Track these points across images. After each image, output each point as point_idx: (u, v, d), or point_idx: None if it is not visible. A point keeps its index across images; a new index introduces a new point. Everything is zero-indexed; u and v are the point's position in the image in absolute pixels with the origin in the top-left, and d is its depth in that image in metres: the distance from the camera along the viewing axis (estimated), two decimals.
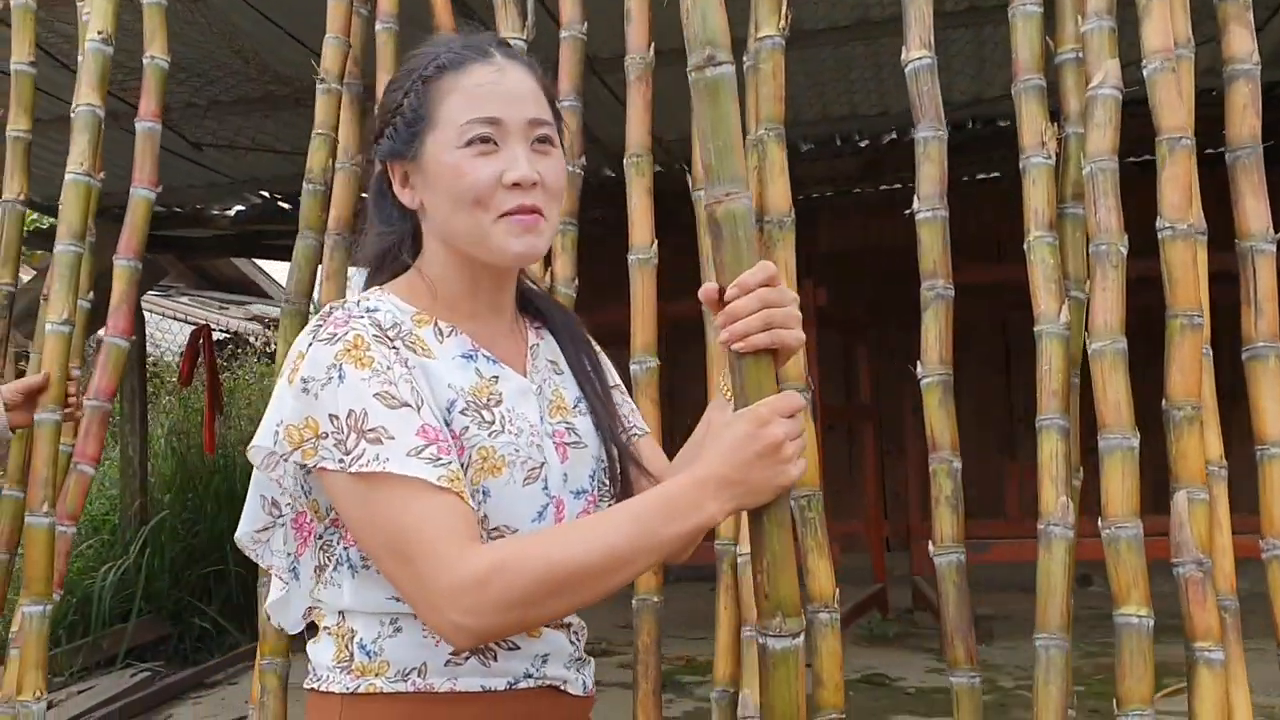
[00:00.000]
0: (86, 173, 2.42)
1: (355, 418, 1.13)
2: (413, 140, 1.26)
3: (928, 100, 2.02)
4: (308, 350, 1.18)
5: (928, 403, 1.96)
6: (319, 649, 1.24)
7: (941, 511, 1.92)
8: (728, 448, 1.14)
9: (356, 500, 1.14)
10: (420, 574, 1.10)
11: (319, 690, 1.23)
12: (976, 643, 5.76)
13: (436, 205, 1.26)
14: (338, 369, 1.15)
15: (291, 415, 1.16)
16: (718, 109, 1.20)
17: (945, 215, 1.99)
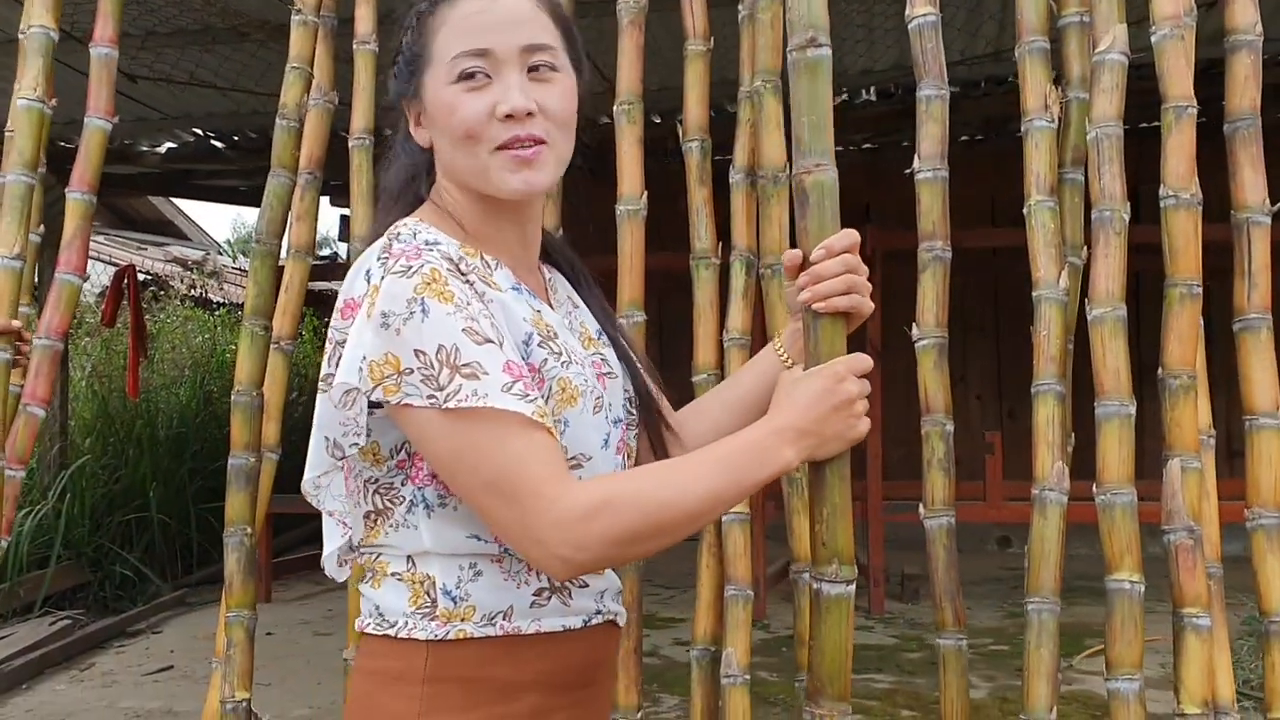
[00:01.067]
0: (39, 98, 2.28)
1: (446, 353, 1.10)
2: (412, 79, 1.26)
3: (931, 58, 1.99)
4: (382, 283, 1.13)
5: (922, 365, 1.95)
6: (386, 595, 1.21)
7: (933, 475, 1.92)
8: (806, 401, 1.20)
9: (450, 438, 1.11)
10: (526, 509, 1.10)
11: (395, 637, 1.20)
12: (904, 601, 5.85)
13: (439, 144, 1.26)
14: (419, 303, 1.11)
15: (373, 350, 1.11)
16: (815, 86, 1.32)
17: (946, 175, 1.97)
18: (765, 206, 2.08)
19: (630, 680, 2.01)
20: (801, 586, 1.98)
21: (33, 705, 4.49)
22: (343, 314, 1.17)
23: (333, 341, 1.18)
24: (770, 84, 2.09)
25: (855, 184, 7.53)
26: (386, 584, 1.22)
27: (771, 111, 2.09)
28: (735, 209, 2.14)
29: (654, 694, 4.37)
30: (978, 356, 7.68)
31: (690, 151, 2.19)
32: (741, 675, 1.97)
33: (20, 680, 4.72)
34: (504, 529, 1.13)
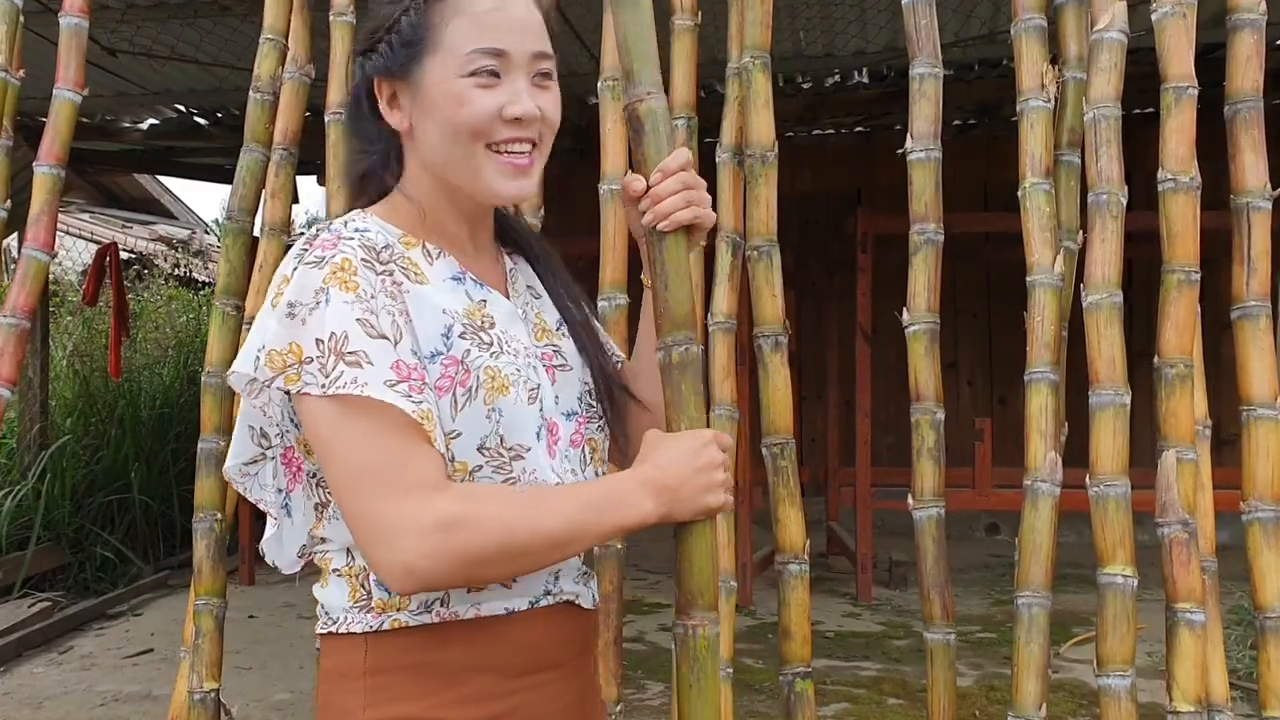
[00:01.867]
0: (3, 68, 2.21)
1: (336, 339, 1.10)
2: (410, 60, 1.21)
3: (925, 36, 1.94)
4: (293, 274, 1.12)
5: (913, 351, 1.90)
6: (330, 593, 1.20)
7: (923, 465, 1.87)
8: (670, 457, 1.19)
9: (329, 424, 1.10)
10: (389, 508, 1.07)
11: (337, 633, 1.18)
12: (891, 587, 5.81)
13: (429, 132, 1.22)
14: (324, 293, 1.11)
15: (275, 340, 1.10)
16: (639, 17, 1.30)
17: (939, 156, 1.91)
18: (753, 187, 2.02)
19: (609, 672, 1.96)
20: (786, 578, 1.93)
21: (10, 688, 4.43)
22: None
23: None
24: (760, 61, 2.03)
25: (846, 167, 7.51)
26: (331, 581, 1.20)
27: (760, 88, 2.03)
28: (722, 189, 2.08)
29: (639, 681, 4.33)
30: (969, 342, 7.63)
31: (676, 129, 2.12)
32: (724, 668, 1.92)
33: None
34: (360, 524, 1.09)
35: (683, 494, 1.19)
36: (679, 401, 1.34)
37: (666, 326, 1.37)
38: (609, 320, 2.08)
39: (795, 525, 1.95)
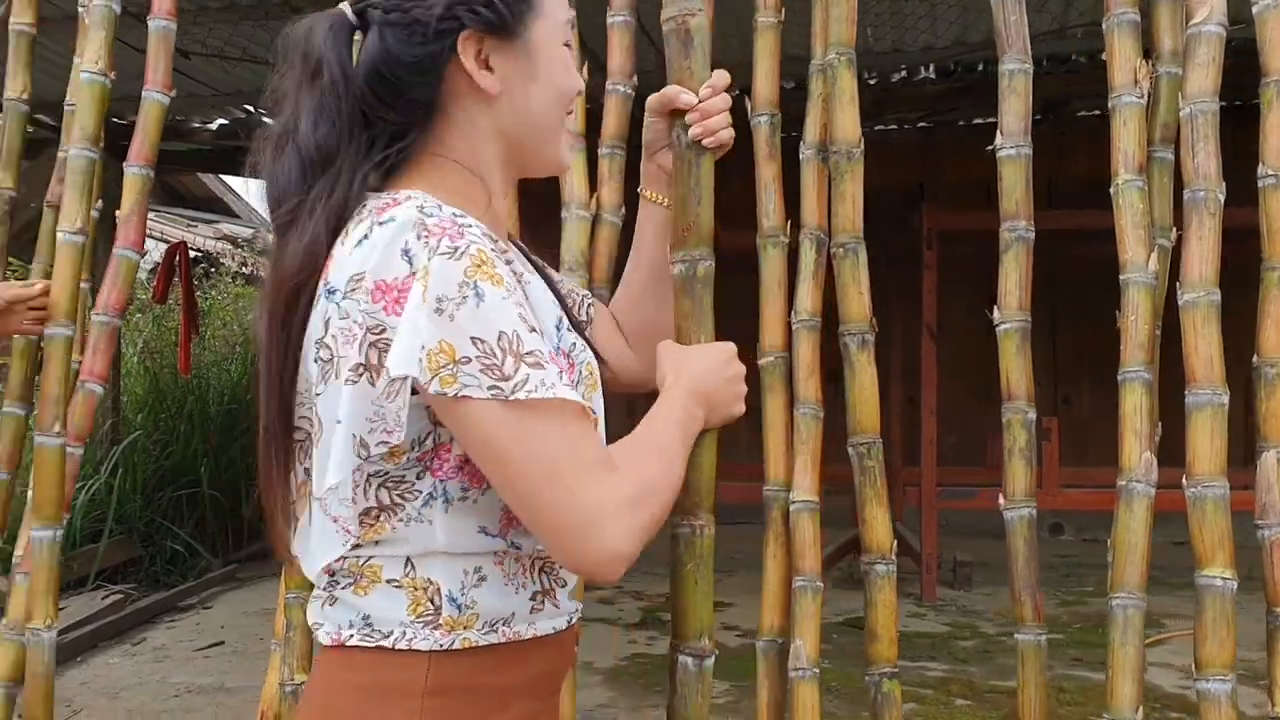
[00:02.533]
0: (101, 72, 2.26)
1: (508, 340, 1.03)
2: (521, 19, 1.17)
3: (1014, 32, 1.92)
4: (430, 265, 1.03)
5: (1004, 350, 1.88)
6: (377, 603, 1.11)
7: (1015, 464, 1.85)
8: (705, 367, 1.28)
9: (508, 427, 1.03)
10: (582, 499, 1.05)
11: (394, 648, 1.10)
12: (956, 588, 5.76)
13: (530, 96, 1.18)
14: (471, 287, 1.03)
15: (429, 339, 1.02)
16: None
17: (1029, 153, 1.90)
18: (838, 183, 2.01)
19: None
20: (873, 578, 1.92)
21: (87, 678, 4.53)
22: (373, 297, 1.05)
23: (361, 326, 1.06)
24: (845, 57, 2.02)
25: (909, 162, 7.46)
26: (378, 591, 1.12)
27: (846, 85, 2.01)
28: (806, 185, 2.07)
29: None
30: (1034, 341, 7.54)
31: (759, 126, 2.11)
32: (811, 669, 1.92)
33: (74, 653, 4.76)
34: (556, 521, 1.05)
35: (717, 402, 1.28)
36: (698, 314, 1.46)
37: (693, 241, 1.47)
38: None
39: (882, 525, 1.94)
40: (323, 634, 1.14)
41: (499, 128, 1.18)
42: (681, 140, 1.44)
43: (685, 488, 1.39)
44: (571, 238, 2.10)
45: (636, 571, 2.21)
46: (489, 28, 1.15)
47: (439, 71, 1.15)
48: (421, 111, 1.16)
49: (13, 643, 2.11)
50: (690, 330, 1.45)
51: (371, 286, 1.05)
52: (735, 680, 4.28)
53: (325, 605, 1.15)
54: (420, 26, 1.13)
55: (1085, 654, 4.71)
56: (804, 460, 1.98)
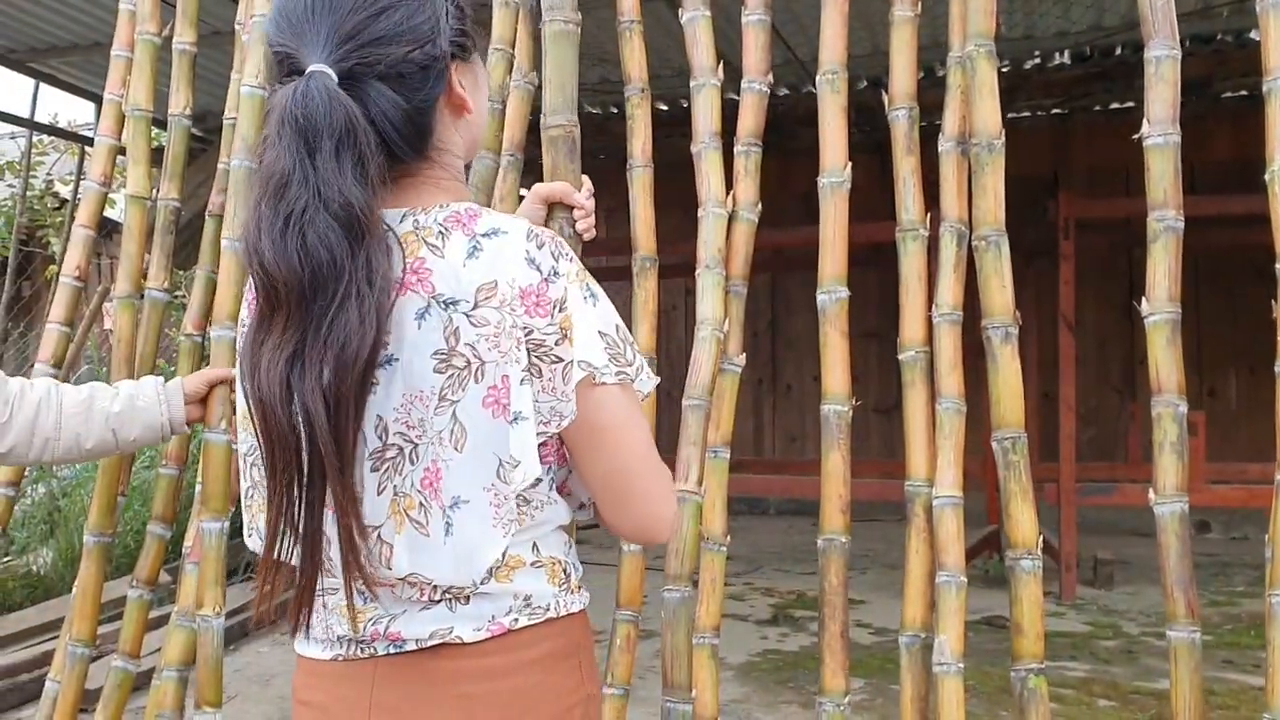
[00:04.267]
0: (261, 85, 2.37)
1: (623, 332, 1.19)
2: (473, 37, 1.26)
3: (1161, 16, 1.88)
4: (562, 269, 1.17)
5: (1154, 342, 1.84)
6: (529, 583, 1.20)
7: (1166, 459, 1.81)
8: None
9: (627, 408, 1.19)
10: (663, 474, 1.23)
11: (556, 618, 1.21)
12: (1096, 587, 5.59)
13: (479, 104, 1.29)
14: (587, 286, 1.18)
15: (592, 333, 1.17)
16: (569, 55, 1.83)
17: (1178, 140, 1.85)
18: (979, 176, 1.99)
19: (839, 664, 1.97)
20: (1019, 574, 1.90)
21: (239, 665, 4.72)
22: (519, 302, 1.12)
23: (513, 329, 1.12)
24: (984, 49, 2.01)
25: (1041, 150, 7.27)
26: (523, 574, 1.20)
27: (985, 76, 2.00)
28: (945, 178, 2.06)
29: None
30: None
31: (897, 120, 2.11)
32: (955, 664, 1.91)
33: (228, 641, 4.95)
34: (646, 491, 1.21)
35: None
36: None
37: None
38: (829, 314, 2.08)
39: (1028, 521, 1.92)
40: (467, 632, 1.17)
41: (469, 140, 1.29)
42: (565, 232, 1.71)
43: None
44: (709, 234, 2.13)
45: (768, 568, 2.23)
46: (464, 53, 1.25)
47: (440, 105, 1.21)
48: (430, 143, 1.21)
49: (184, 629, 2.23)
50: None
51: (517, 294, 1.12)
52: (869, 678, 4.26)
53: (453, 606, 1.17)
54: (427, 71, 1.18)
55: (1236, 656, 4.55)
56: (947, 455, 1.98)
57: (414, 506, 1.14)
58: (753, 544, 6.97)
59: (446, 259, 1.13)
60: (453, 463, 1.13)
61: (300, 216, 1.07)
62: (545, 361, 1.14)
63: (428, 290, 1.13)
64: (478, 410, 1.12)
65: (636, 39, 2.31)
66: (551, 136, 1.81)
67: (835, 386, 2.07)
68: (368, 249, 1.08)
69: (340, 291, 1.06)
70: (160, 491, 2.41)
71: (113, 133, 2.54)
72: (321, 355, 1.06)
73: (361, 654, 1.18)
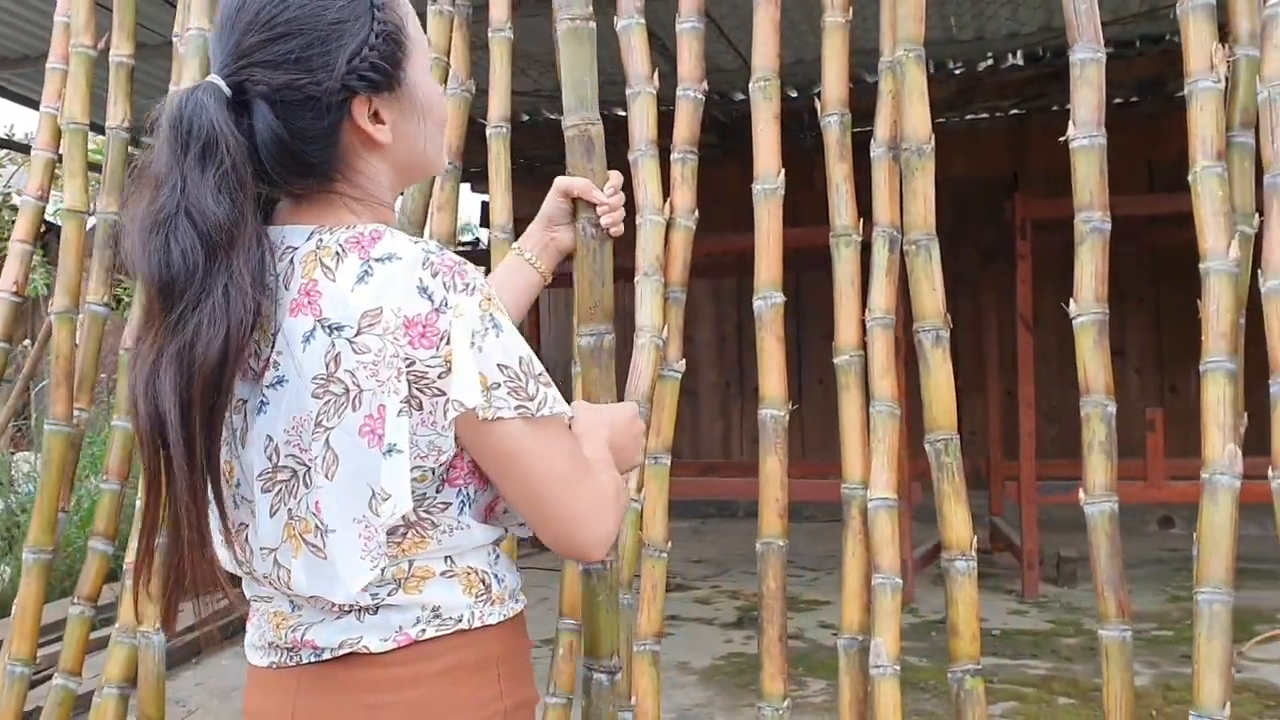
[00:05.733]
0: None
1: (526, 364, 1.16)
2: (399, 66, 1.21)
3: (1086, 19, 1.89)
4: (456, 301, 1.13)
5: (1081, 343, 1.85)
6: (439, 594, 1.19)
7: (1095, 459, 1.83)
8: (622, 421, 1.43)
9: (532, 441, 1.17)
10: (580, 499, 1.21)
11: (469, 629, 1.21)
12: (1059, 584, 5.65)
13: (416, 134, 1.25)
14: (490, 319, 1.15)
15: (474, 370, 1.14)
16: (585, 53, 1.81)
17: (1104, 143, 1.87)
18: (909, 180, 2.01)
19: (777, 669, 1.98)
20: (954, 575, 1.92)
21: (201, 679, 4.70)
22: (402, 332, 1.10)
23: (393, 359, 1.11)
24: (913, 53, 2.02)
25: (999, 151, 7.32)
26: (433, 585, 1.20)
27: (915, 81, 2.01)
28: (877, 184, 2.07)
29: (799, 678, 4.33)
30: (1136, 329, 7.37)
31: (829, 126, 2.12)
32: (891, 666, 1.92)
33: (190, 655, 4.95)
34: (563, 517, 1.21)
35: (624, 451, 1.41)
36: (605, 380, 1.76)
37: (599, 317, 1.77)
38: (765, 320, 2.09)
39: (961, 522, 1.93)
40: (374, 642, 1.17)
41: (394, 165, 1.25)
42: (587, 230, 1.72)
43: None
44: (646, 242, 2.13)
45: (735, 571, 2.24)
46: (376, 88, 1.19)
47: (336, 137, 1.19)
48: (325, 171, 1.20)
49: (125, 645, 2.21)
50: (598, 395, 1.74)
51: (401, 322, 1.11)
52: (830, 678, 4.27)
53: (362, 616, 1.18)
54: (314, 102, 1.15)
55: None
56: (881, 458, 1.99)
57: (310, 530, 1.15)
58: (722, 547, 6.98)
59: (337, 282, 1.13)
60: (324, 490, 1.14)
61: (165, 223, 1.09)
62: (426, 394, 1.12)
63: (315, 313, 1.12)
64: (353, 439, 1.12)
65: None
66: (569, 136, 1.78)
67: (772, 391, 2.07)
68: (229, 262, 1.09)
69: (190, 297, 1.09)
70: (102, 507, 2.40)
71: (49, 146, 2.53)
72: (174, 359, 1.08)
73: (290, 662, 1.20)
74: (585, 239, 1.72)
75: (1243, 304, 1.80)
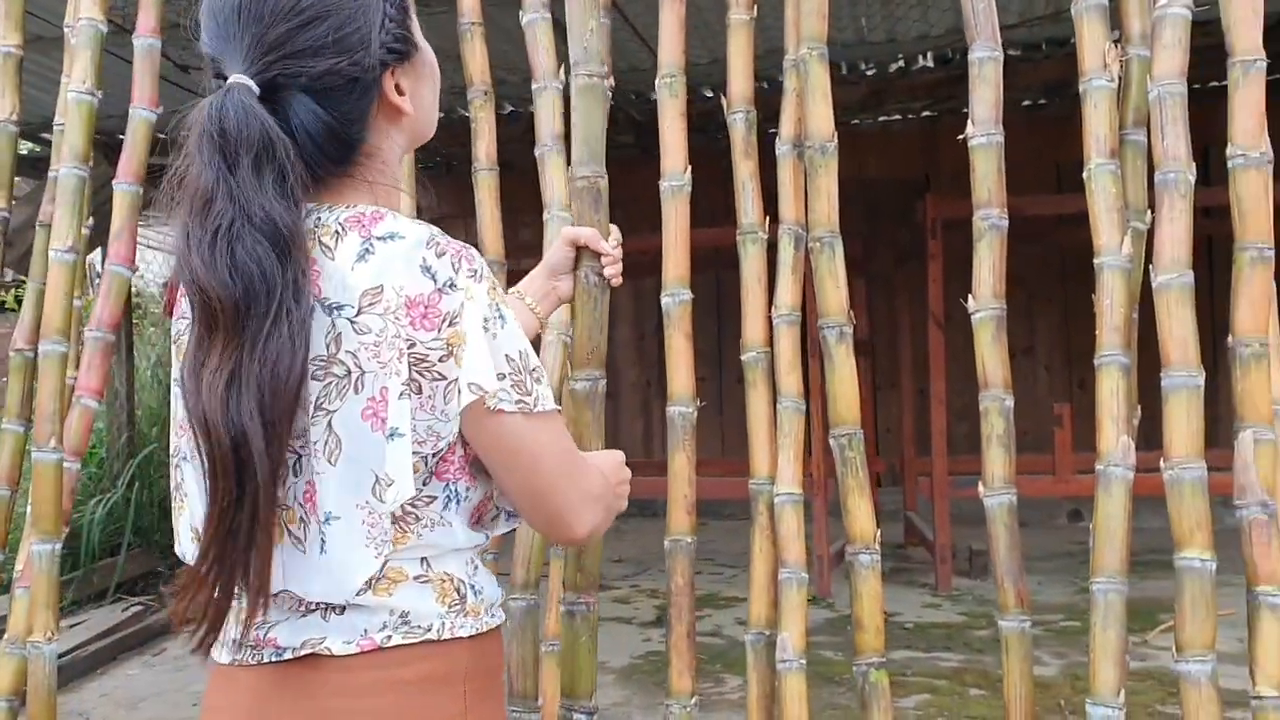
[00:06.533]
0: (89, 90, 2.29)
1: (525, 358, 1.15)
2: (411, 36, 1.22)
3: (984, 18, 1.92)
4: (470, 286, 1.11)
5: (979, 338, 1.88)
6: (411, 599, 1.15)
7: (993, 452, 1.86)
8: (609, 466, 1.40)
9: (528, 435, 1.16)
10: (576, 489, 1.21)
11: (439, 639, 1.16)
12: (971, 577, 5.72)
13: (425, 97, 1.25)
14: (497, 308, 1.13)
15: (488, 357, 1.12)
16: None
17: (1001, 141, 1.90)
18: (813, 178, 2.02)
19: (685, 665, 1.97)
20: (858, 569, 1.93)
21: (108, 689, 4.57)
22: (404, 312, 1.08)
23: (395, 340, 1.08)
24: (817, 52, 2.03)
25: (912, 152, 7.42)
26: (405, 589, 1.16)
27: (818, 79, 2.03)
28: (782, 182, 2.09)
29: (717, 675, 4.34)
30: (1046, 326, 7.51)
31: (735, 124, 2.13)
32: (797, 660, 1.93)
33: (95, 665, 4.81)
34: (563, 505, 1.20)
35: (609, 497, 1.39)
36: (596, 425, 1.84)
37: (595, 363, 1.85)
38: (673, 317, 2.08)
39: (865, 516, 1.95)
40: (337, 644, 1.14)
41: (409, 135, 1.25)
42: (590, 279, 1.79)
43: (580, 568, 1.81)
44: (553, 238, 2.12)
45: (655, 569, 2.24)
46: (401, 58, 1.20)
47: (371, 115, 1.18)
48: (358, 149, 1.18)
49: (13, 657, 2.14)
50: (589, 438, 1.82)
51: (403, 302, 1.08)
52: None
53: (327, 616, 1.15)
54: (355, 84, 1.14)
55: None
56: (788, 453, 2.00)
57: (294, 520, 1.12)
58: (641, 546, 6.98)
59: (336, 261, 1.10)
60: (325, 475, 1.10)
61: (227, 231, 1.05)
62: (426, 378, 1.10)
63: (315, 293, 1.09)
64: (356, 422, 1.09)
65: (478, 40, 2.29)
66: (578, 188, 1.88)
67: (679, 388, 2.07)
68: (295, 264, 1.07)
69: (273, 309, 1.05)
70: None
71: None
72: (257, 376, 1.04)
73: (251, 660, 1.16)
74: (587, 286, 1.79)
75: (1136, 299, 1.84)
